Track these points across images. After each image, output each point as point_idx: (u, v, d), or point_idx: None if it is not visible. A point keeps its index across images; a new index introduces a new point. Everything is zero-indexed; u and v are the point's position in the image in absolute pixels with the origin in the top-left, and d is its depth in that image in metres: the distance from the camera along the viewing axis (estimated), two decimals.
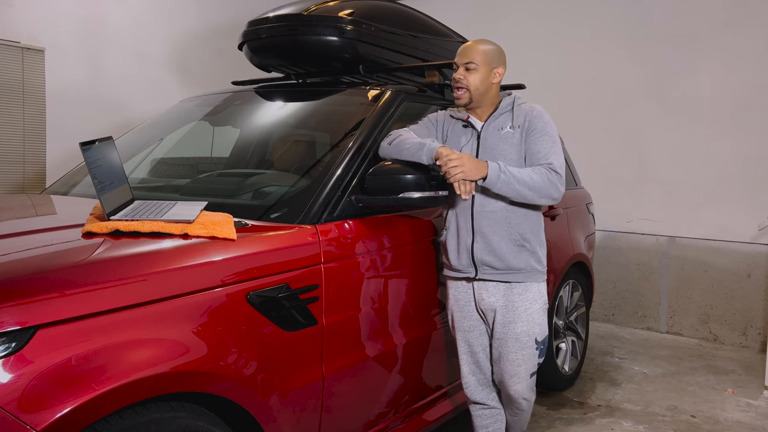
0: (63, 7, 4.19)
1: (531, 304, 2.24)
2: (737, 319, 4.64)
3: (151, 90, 4.74)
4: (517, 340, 2.22)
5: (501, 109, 2.24)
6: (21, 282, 1.33)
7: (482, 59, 2.20)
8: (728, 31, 4.59)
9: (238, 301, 1.65)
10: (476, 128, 2.25)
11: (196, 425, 1.50)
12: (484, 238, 2.19)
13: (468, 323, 2.31)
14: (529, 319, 2.23)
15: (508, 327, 2.23)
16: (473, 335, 2.31)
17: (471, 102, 2.22)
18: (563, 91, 5.17)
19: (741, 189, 4.59)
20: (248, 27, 2.88)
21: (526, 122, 2.20)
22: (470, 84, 2.19)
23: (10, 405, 1.20)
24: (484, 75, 2.20)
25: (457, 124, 2.30)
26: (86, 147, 1.77)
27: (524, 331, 2.22)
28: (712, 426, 3.17)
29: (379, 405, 2.21)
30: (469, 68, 2.20)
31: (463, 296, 2.30)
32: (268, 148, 2.84)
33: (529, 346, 2.24)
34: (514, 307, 2.22)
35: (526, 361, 2.25)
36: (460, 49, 2.25)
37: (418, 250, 2.38)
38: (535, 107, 2.25)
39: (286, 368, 1.76)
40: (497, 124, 2.23)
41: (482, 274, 2.22)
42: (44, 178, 4.12)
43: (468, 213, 2.20)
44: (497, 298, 2.23)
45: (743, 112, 4.56)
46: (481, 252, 2.19)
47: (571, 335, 3.62)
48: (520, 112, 2.23)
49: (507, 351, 2.24)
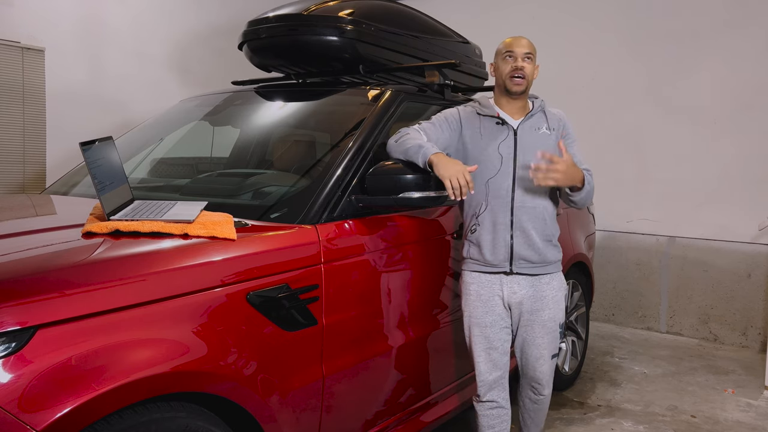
0: (63, 7, 4.19)
1: (557, 292, 2.32)
2: (737, 319, 4.64)
3: (151, 90, 4.73)
4: (543, 326, 2.29)
5: (535, 109, 2.30)
6: (21, 282, 1.33)
7: (534, 53, 2.27)
8: (728, 31, 4.59)
9: (238, 301, 1.65)
10: (512, 125, 2.26)
11: (196, 425, 1.50)
12: (524, 233, 2.23)
13: (491, 318, 2.28)
14: (555, 305, 2.30)
15: (536, 315, 2.28)
16: (494, 330, 2.29)
17: (524, 92, 2.26)
18: (563, 91, 5.16)
19: (741, 189, 4.59)
20: (248, 27, 2.88)
21: (560, 126, 2.30)
22: (527, 74, 2.24)
23: (10, 405, 1.20)
24: (534, 68, 2.28)
25: (488, 120, 2.29)
26: (86, 147, 1.77)
27: (551, 317, 2.30)
28: (712, 426, 3.17)
29: (379, 405, 2.20)
30: (528, 59, 2.25)
31: (487, 291, 2.28)
32: (268, 148, 2.84)
33: (554, 330, 2.32)
34: (542, 296, 2.28)
35: (550, 343, 2.32)
36: (513, 41, 2.26)
37: (419, 250, 2.38)
38: (562, 113, 2.36)
39: (286, 368, 1.76)
40: (533, 124, 2.28)
41: (517, 268, 2.25)
42: (44, 178, 4.12)
43: (507, 209, 2.22)
44: (527, 290, 2.27)
45: (743, 112, 4.56)
46: (520, 247, 2.23)
47: (571, 335, 3.62)
48: (552, 116, 2.32)
49: (533, 336, 2.30)
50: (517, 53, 2.24)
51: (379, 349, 2.15)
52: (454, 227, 2.56)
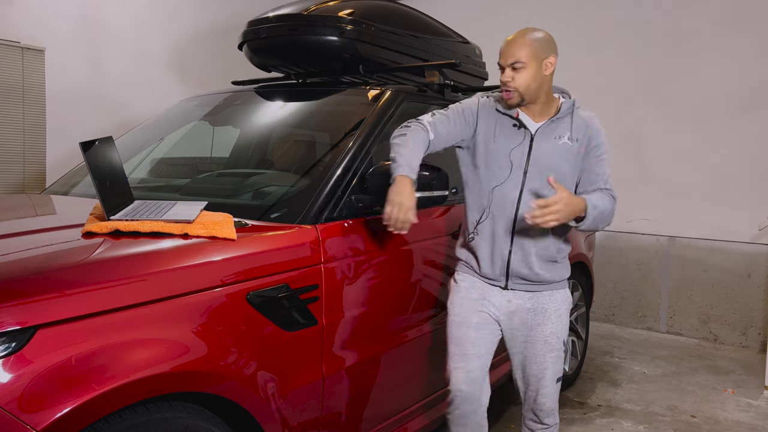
0: (63, 7, 4.19)
1: (560, 305, 2.09)
2: (737, 319, 4.64)
3: (151, 90, 4.73)
4: (546, 343, 2.06)
5: (562, 112, 2.02)
6: (21, 282, 1.33)
7: (529, 54, 1.92)
8: (728, 31, 4.59)
9: (238, 301, 1.65)
10: (530, 130, 2.01)
11: (196, 425, 1.50)
12: (523, 251, 2.02)
13: (477, 319, 2.08)
14: (558, 320, 2.08)
15: (537, 330, 2.06)
16: (480, 334, 2.08)
17: (524, 101, 1.98)
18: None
19: (741, 189, 4.59)
20: (248, 27, 2.88)
21: (586, 137, 2.01)
22: (519, 86, 1.94)
23: (10, 405, 1.20)
24: (535, 70, 1.94)
25: (504, 120, 2.04)
26: (86, 147, 1.77)
27: (553, 332, 2.07)
28: (712, 426, 3.17)
29: (380, 405, 2.20)
30: (516, 68, 1.93)
31: (477, 290, 2.10)
32: (268, 148, 2.84)
33: (557, 348, 2.08)
34: (543, 309, 2.06)
35: (553, 363, 2.07)
36: (503, 47, 1.97)
37: (419, 250, 2.37)
38: (593, 118, 2.06)
39: (286, 368, 1.76)
40: (554, 131, 2.01)
41: (513, 285, 2.06)
42: (44, 178, 4.12)
43: (509, 220, 2.01)
44: (524, 301, 2.07)
45: (743, 112, 4.56)
46: (517, 264, 2.03)
47: (572, 335, 3.62)
48: (579, 122, 2.02)
49: (534, 353, 2.07)
50: (503, 64, 1.97)
51: (379, 348, 2.15)
52: (454, 227, 2.56)
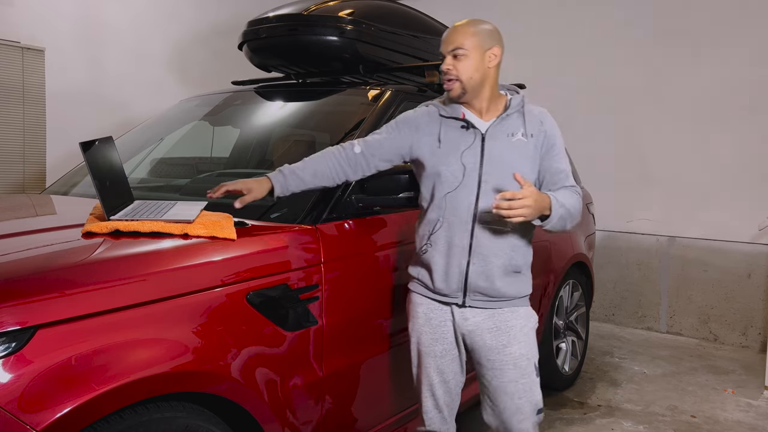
0: (63, 7, 4.19)
1: (526, 322, 1.92)
2: (737, 319, 4.64)
3: (151, 90, 4.73)
4: (515, 366, 1.87)
5: (511, 108, 1.89)
6: (21, 282, 1.33)
7: (472, 43, 1.83)
8: (728, 31, 4.59)
9: (238, 301, 1.65)
10: (480, 129, 1.87)
11: (196, 425, 1.50)
12: (484, 261, 1.85)
13: (441, 347, 1.94)
14: (525, 339, 1.90)
15: (502, 352, 1.87)
16: (446, 361, 1.95)
17: (465, 93, 1.85)
18: (563, 91, 5.17)
19: (741, 189, 4.59)
20: (248, 27, 2.88)
21: (541, 133, 1.88)
22: (461, 73, 1.83)
23: (10, 405, 1.20)
24: (477, 60, 1.84)
25: (450, 122, 1.90)
26: (86, 147, 1.76)
27: (522, 354, 1.88)
28: (712, 426, 3.17)
29: (380, 405, 2.20)
30: (458, 55, 1.83)
31: (437, 315, 1.94)
32: (268, 148, 2.84)
33: (530, 372, 1.89)
34: (507, 327, 1.89)
35: (527, 391, 1.89)
36: (444, 35, 1.88)
37: None
38: (544, 113, 1.94)
39: (285, 368, 1.76)
40: (506, 128, 1.87)
41: (471, 302, 1.88)
42: (44, 178, 4.12)
43: (467, 229, 1.84)
44: (483, 319, 1.89)
45: (743, 112, 4.56)
46: (477, 276, 1.85)
47: (571, 335, 3.62)
48: (532, 118, 1.89)
49: (504, 382, 1.88)
50: (443, 51, 1.87)
51: (379, 348, 2.15)
52: None
